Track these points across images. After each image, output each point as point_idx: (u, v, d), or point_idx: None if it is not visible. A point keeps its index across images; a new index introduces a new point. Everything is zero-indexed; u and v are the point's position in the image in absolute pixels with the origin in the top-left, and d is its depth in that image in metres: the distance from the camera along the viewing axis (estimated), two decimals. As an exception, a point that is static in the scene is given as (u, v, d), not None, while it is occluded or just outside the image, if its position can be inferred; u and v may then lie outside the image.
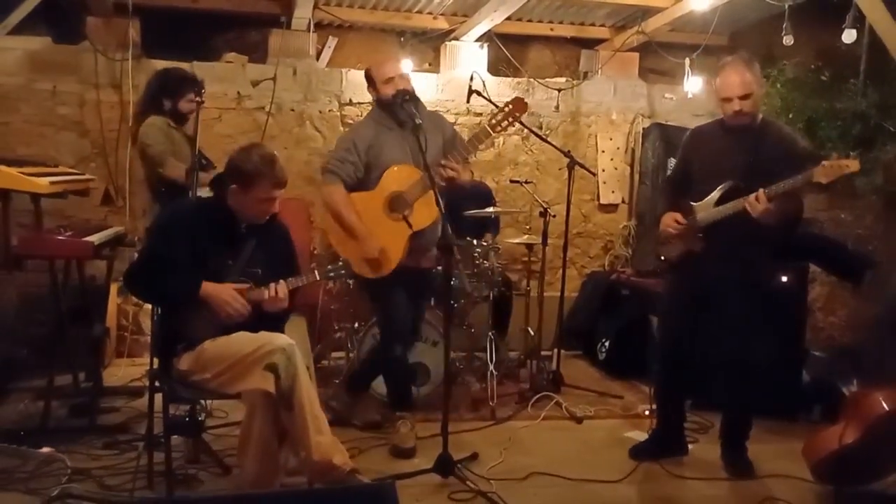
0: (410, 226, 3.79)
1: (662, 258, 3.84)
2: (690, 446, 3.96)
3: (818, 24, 5.29)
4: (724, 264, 3.55)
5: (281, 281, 3.16)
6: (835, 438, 3.33)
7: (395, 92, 3.82)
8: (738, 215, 3.44)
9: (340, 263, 3.28)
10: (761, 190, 3.33)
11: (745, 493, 3.51)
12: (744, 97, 3.48)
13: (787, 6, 5.01)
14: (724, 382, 3.80)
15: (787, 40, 5.01)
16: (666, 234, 3.74)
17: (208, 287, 3.10)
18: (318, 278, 3.26)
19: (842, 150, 4.98)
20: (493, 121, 3.80)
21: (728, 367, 3.74)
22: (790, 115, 5.25)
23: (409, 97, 3.81)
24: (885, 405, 3.28)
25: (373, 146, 3.88)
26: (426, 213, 3.77)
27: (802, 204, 3.60)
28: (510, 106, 3.79)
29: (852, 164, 3.17)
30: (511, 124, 3.84)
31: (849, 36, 4.73)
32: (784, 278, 4.43)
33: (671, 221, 3.70)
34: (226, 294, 3.11)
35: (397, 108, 3.83)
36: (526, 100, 3.86)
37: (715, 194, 3.56)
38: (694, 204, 3.65)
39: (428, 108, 4.14)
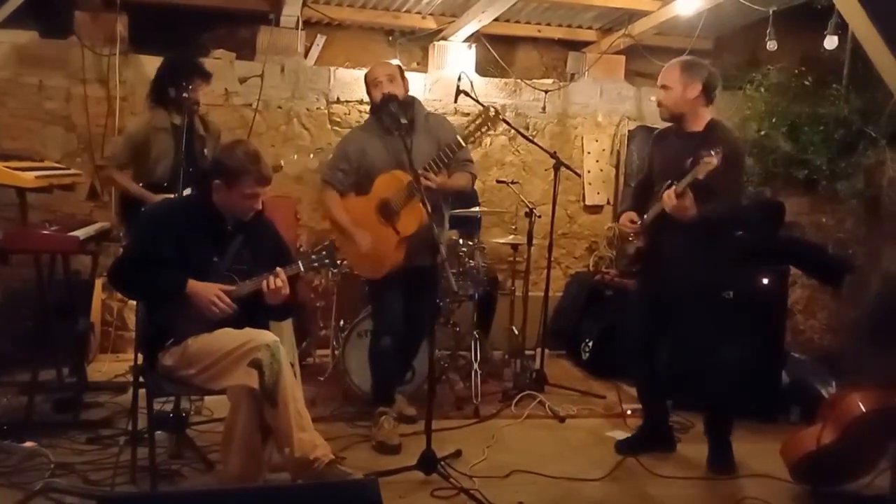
0: (398, 232, 3.84)
1: (628, 254, 3.96)
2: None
3: (802, 29, 5.36)
4: (673, 264, 3.66)
5: (277, 269, 3.17)
6: (813, 439, 3.38)
7: (381, 96, 3.89)
8: (664, 213, 3.55)
9: (324, 253, 3.28)
10: (672, 187, 3.47)
11: (723, 493, 3.55)
12: (663, 88, 3.68)
13: (771, 12, 5.06)
14: (702, 383, 3.84)
15: (771, 45, 5.07)
16: (622, 233, 3.90)
17: (195, 286, 3.11)
18: (301, 269, 3.26)
19: (824, 154, 5.06)
20: (466, 132, 3.83)
21: (703, 369, 3.79)
22: (773, 120, 5.31)
23: (396, 101, 3.84)
24: (862, 407, 3.34)
25: (363, 153, 3.98)
26: (412, 219, 3.80)
27: (776, 212, 3.69)
28: (481, 117, 3.80)
29: (712, 161, 3.32)
30: (485, 133, 3.84)
31: (830, 42, 4.79)
32: (765, 281, 4.48)
33: (625, 221, 3.86)
34: (211, 294, 3.11)
35: (383, 112, 3.88)
36: (497, 109, 3.85)
37: (658, 195, 3.65)
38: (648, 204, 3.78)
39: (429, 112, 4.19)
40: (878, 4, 3.30)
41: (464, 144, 3.82)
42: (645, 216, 3.77)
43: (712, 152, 3.33)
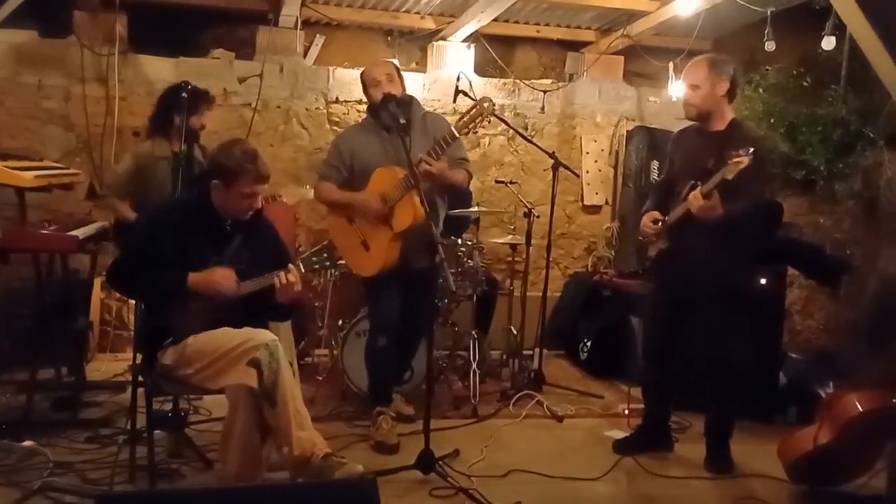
0: (392, 227, 3.83)
1: (650, 256, 3.92)
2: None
3: (800, 30, 5.36)
4: (695, 265, 3.63)
5: (290, 265, 3.17)
6: (809, 439, 3.39)
7: (381, 96, 3.89)
8: (688, 214, 3.53)
9: (325, 255, 3.28)
10: (699, 187, 3.44)
11: (721, 492, 3.56)
12: (691, 87, 3.62)
13: (769, 12, 5.07)
14: (704, 383, 3.85)
15: (769, 46, 5.08)
16: (644, 234, 3.84)
17: (195, 277, 3.12)
18: (302, 270, 3.26)
19: (822, 155, 5.07)
20: (460, 123, 3.78)
21: (706, 368, 3.79)
22: (771, 120, 5.31)
23: (395, 100, 3.85)
24: (858, 407, 3.34)
25: (356, 151, 4.00)
26: (406, 214, 3.79)
27: (773, 212, 3.66)
28: (475, 108, 3.73)
29: (744, 160, 3.28)
30: (479, 125, 3.80)
31: (828, 43, 4.80)
32: (763, 281, 4.49)
33: (647, 221, 3.80)
34: (213, 274, 3.13)
35: (382, 111, 3.88)
36: (493, 101, 3.78)
37: (683, 195, 3.64)
38: (669, 205, 3.75)
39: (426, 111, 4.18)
40: (875, 5, 3.31)
41: (457, 135, 3.76)
42: (667, 217, 3.73)
43: (741, 151, 3.29)
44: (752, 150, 3.30)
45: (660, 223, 3.76)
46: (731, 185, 3.37)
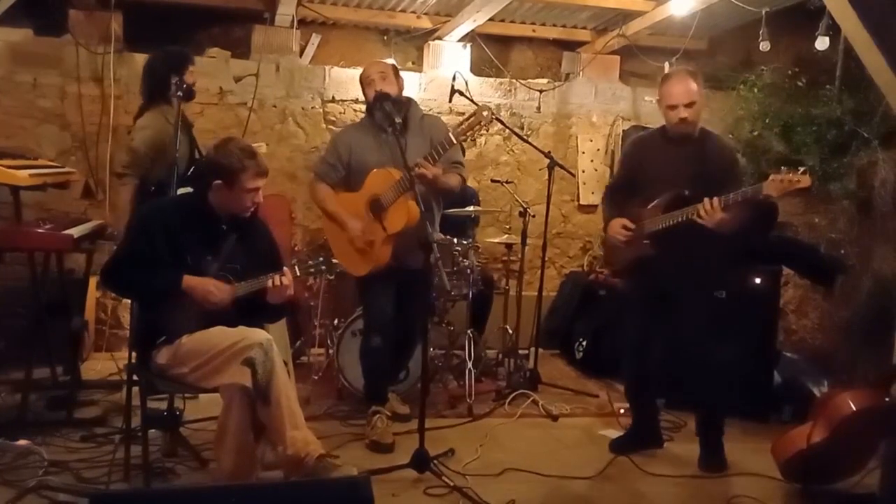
0: (385, 229, 3.83)
1: (621, 258, 3.88)
2: (665, 443, 4.03)
3: (796, 30, 5.38)
4: (677, 268, 3.62)
5: (285, 268, 3.18)
6: (803, 438, 3.40)
7: (374, 95, 3.90)
8: (687, 223, 3.50)
9: (321, 259, 3.30)
10: (716, 198, 3.38)
11: (715, 491, 3.56)
12: (688, 105, 3.58)
13: (764, 12, 5.08)
14: (693, 383, 3.86)
15: (764, 46, 5.09)
16: (615, 241, 3.80)
17: (190, 280, 3.12)
18: (297, 274, 3.26)
19: (816, 154, 5.08)
20: (458, 130, 3.75)
21: (695, 368, 3.80)
22: (766, 120, 5.33)
23: (389, 99, 3.85)
24: (852, 406, 3.36)
25: (354, 150, 3.99)
26: (399, 216, 3.79)
27: (768, 212, 3.67)
28: (474, 116, 3.69)
29: (803, 180, 3.20)
30: (477, 133, 3.78)
31: (822, 43, 4.82)
32: (757, 280, 4.50)
33: (619, 228, 3.76)
34: (209, 283, 3.13)
35: (376, 110, 3.89)
36: (492, 109, 3.73)
37: (660, 202, 3.62)
38: (641, 210, 3.72)
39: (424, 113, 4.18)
40: (868, 5, 3.31)
41: (454, 142, 3.76)
42: (645, 223, 3.68)
43: (798, 170, 3.21)
44: (803, 169, 3.23)
45: (632, 230, 3.72)
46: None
